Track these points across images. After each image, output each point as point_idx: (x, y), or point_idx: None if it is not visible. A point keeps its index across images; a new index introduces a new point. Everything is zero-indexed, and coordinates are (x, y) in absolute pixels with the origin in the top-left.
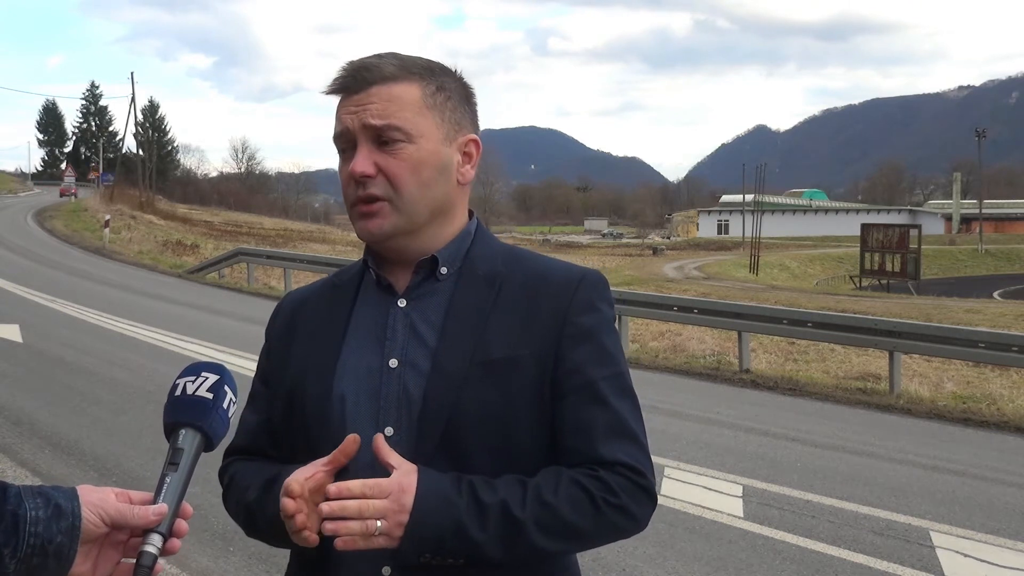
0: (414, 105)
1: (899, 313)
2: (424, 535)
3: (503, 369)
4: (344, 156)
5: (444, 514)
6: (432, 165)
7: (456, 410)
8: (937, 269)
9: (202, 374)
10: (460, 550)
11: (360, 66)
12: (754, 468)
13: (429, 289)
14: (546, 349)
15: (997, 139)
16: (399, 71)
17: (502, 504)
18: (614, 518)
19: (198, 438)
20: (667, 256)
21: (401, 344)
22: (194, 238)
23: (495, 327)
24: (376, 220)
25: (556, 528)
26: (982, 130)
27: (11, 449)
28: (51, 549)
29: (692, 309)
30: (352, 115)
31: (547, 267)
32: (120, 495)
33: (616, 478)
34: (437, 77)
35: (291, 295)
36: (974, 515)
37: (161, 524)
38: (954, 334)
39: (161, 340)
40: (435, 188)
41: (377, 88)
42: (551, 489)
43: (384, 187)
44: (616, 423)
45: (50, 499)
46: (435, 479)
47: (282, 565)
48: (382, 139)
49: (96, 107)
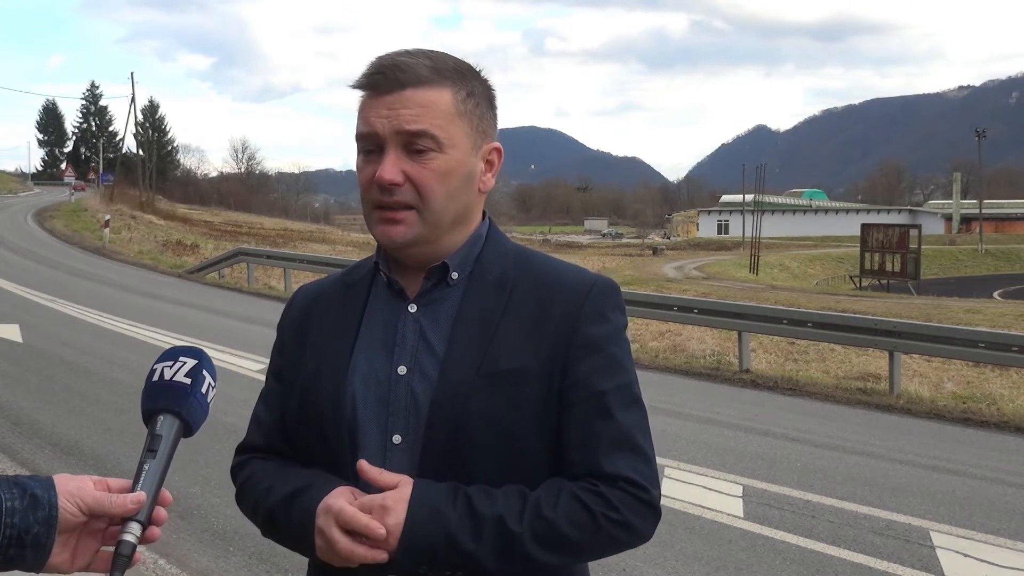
0: (447, 113)
1: (899, 313)
2: (418, 547)
3: (511, 380)
4: (367, 157)
5: (436, 526)
6: (459, 175)
7: (462, 419)
8: (937, 269)
9: (180, 359)
10: (454, 561)
11: (393, 65)
12: (754, 468)
13: (440, 295)
14: (554, 360)
15: (997, 139)
16: (432, 74)
17: (498, 517)
18: (614, 533)
19: (177, 424)
20: (667, 256)
21: (410, 351)
22: (194, 238)
23: (504, 336)
24: (400, 228)
25: (553, 542)
26: (982, 130)
27: (11, 449)
28: (28, 539)
29: (692, 309)
30: (383, 119)
31: (558, 273)
32: (98, 483)
33: (618, 493)
34: (468, 82)
35: (303, 290)
36: (974, 515)
37: (140, 512)
38: (954, 334)
39: (161, 340)
40: (460, 198)
41: (411, 92)
42: (551, 503)
43: (411, 195)
44: (621, 437)
45: (26, 489)
46: (429, 491)
47: (282, 565)
48: (413, 147)
49: (96, 107)
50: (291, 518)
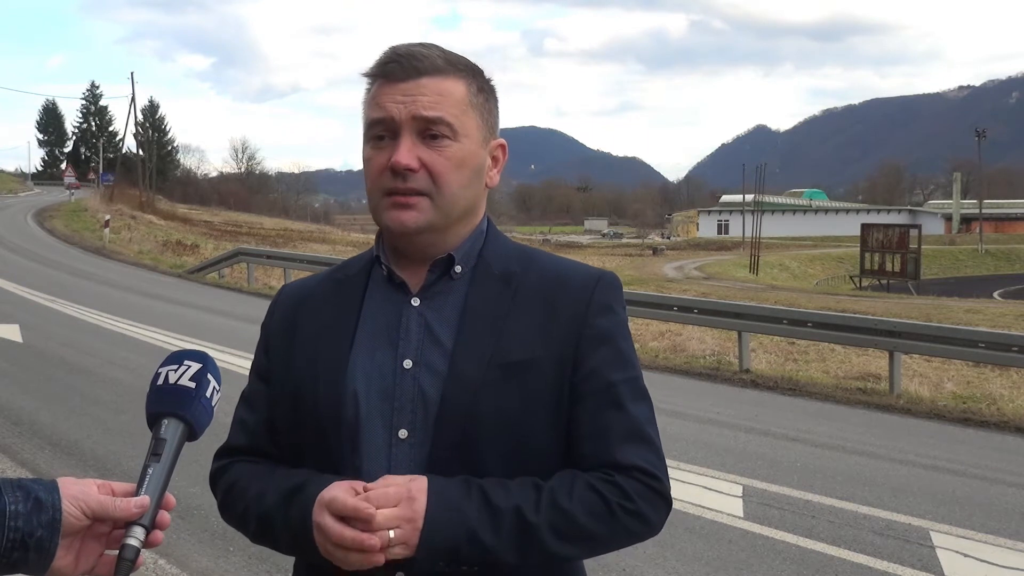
0: (461, 102)
1: (899, 313)
2: (438, 544)
3: (521, 372)
4: (378, 144)
5: (456, 522)
6: (471, 166)
7: (473, 412)
8: (937, 269)
9: (185, 362)
10: (475, 557)
11: (409, 54)
12: (754, 468)
13: (444, 288)
14: (565, 351)
15: (997, 139)
16: (448, 65)
17: (516, 509)
18: (629, 523)
19: (181, 428)
20: (667, 256)
21: (416, 344)
22: (194, 238)
23: (513, 328)
24: (412, 213)
25: (571, 533)
26: (982, 130)
27: (11, 449)
28: (32, 543)
29: (692, 309)
30: (399, 104)
31: (562, 267)
32: (102, 487)
33: (632, 483)
34: (479, 77)
35: (288, 289)
36: (974, 515)
37: (143, 516)
38: (954, 334)
39: (161, 340)
40: (470, 189)
41: (428, 80)
42: (566, 494)
43: (426, 182)
44: (633, 428)
45: (30, 492)
46: (444, 486)
47: (283, 565)
48: (429, 133)
49: (96, 107)
50: (289, 518)
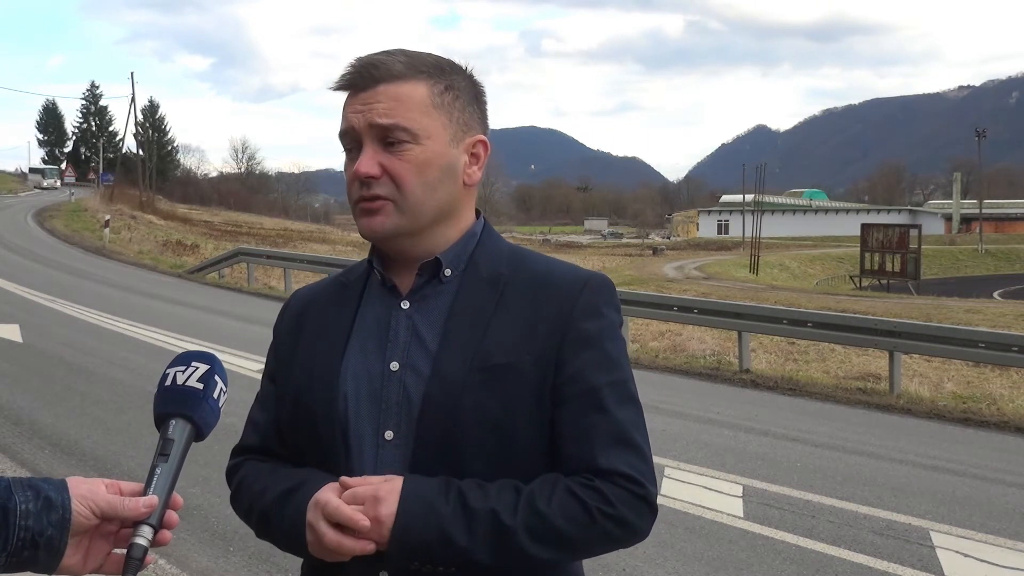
0: (421, 105)
1: (899, 313)
2: (411, 543)
3: (503, 375)
4: (349, 155)
5: (428, 521)
6: (438, 166)
7: (454, 414)
8: (937, 269)
9: (192, 364)
10: (448, 557)
11: (368, 63)
12: (754, 468)
13: (432, 291)
14: (548, 354)
15: (997, 139)
16: (407, 69)
17: (492, 511)
18: (609, 528)
19: (188, 428)
20: (667, 256)
21: (403, 347)
22: (194, 238)
23: (496, 331)
24: (378, 218)
25: (548, 537)
26: (982, 130)
27: (11, 449)
28: (41, 541)
29: (692, 309)
30: (358, 114)
31: (552, 269)
32: (111, 486)
33: (613, 488)
34: (446, 76)
35: (299, 293)
36: (974, 515)
37: (151, 516)
38: (954, 334)
39: (161, 340)
40: (440, 190)
41: (384, 87)
42: (545, 498)
43: (388, 188)
44: (616, 432)
45: (40, 491)
46: (421, 485)
47: (283, 565)
48: (388, 139)
49: (96, 107)
50: (284, 517)
